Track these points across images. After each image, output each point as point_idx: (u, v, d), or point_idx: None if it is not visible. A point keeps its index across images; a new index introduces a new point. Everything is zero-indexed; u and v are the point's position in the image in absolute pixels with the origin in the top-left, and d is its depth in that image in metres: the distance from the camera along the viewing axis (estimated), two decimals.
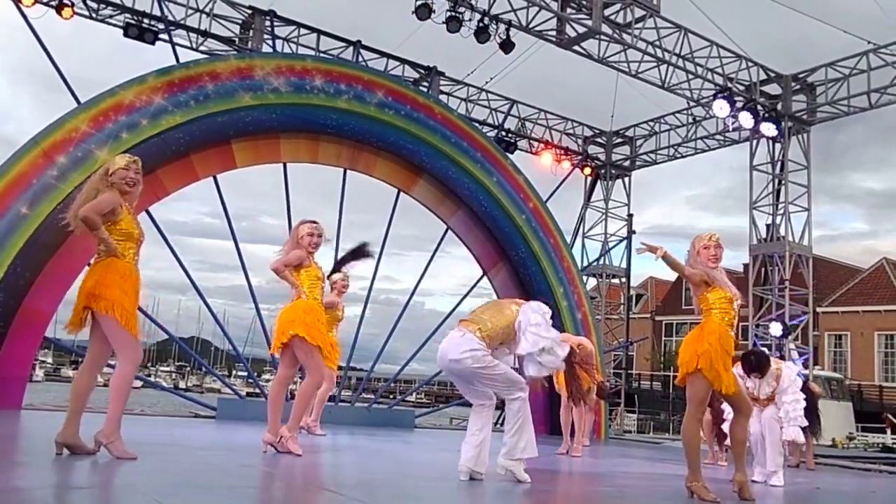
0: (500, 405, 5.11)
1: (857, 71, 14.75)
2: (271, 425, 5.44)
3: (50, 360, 58.28)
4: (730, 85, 14.69)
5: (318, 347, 5.45)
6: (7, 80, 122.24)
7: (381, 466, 5.60)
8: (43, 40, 9.45)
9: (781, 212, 15.69)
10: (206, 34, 13.12)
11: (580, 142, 18.15)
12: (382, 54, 14.32)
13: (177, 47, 10.79)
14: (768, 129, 14.97)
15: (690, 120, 17.36)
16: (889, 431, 24.05)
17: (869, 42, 14.39)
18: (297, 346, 5.42)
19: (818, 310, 30.62)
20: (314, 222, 5.73)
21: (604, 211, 18.53)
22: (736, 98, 14.45)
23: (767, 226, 16.18)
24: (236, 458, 5.38)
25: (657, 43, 13.75)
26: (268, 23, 12.96)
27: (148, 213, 9.29)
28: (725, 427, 6.98)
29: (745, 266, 30.02)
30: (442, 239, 11.53)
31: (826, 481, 7.00)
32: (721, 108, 14.21)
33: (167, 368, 67.01)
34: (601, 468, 7.06)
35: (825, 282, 32.78)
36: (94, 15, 12.57)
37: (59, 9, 11.62)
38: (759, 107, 14.91)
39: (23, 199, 7.91)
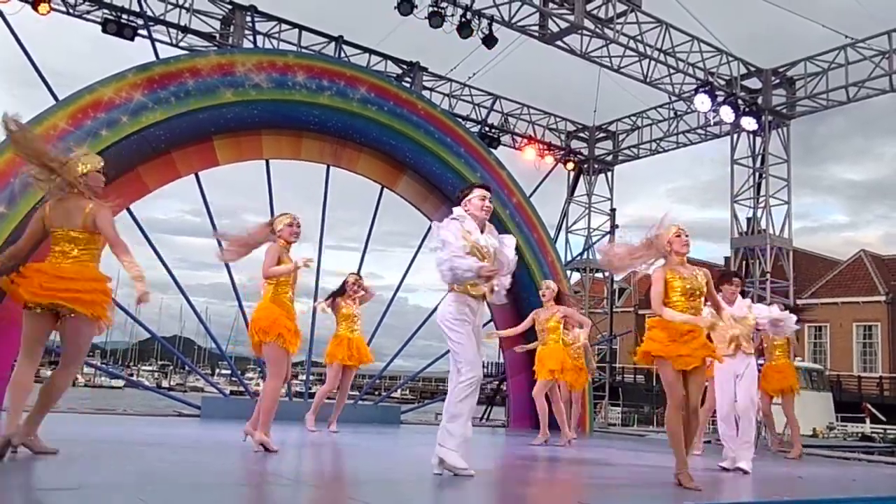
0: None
1: (836, 65, 14.89)
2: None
3: None
4: (711, 79, 14.78)
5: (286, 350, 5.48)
6: None
7: (367, 463, 5.59)
8: (19, 37, 9.34)
9: (762, 205, 15.83)
10: (185, 30, 12.98)
11: (563, 136, 18.18)
12: (365, 50, 14.25)
13: (156, 43, 10.69)
14: (749, 123, 15.09)
15: (672, 114, 17.45)
16: (868, 421, 24.39)
17: (847, 36, 14.54)
18: (267, 348, 5.45)
19: (798, 302, 30.94)
20: (289, 214, 5.74)
21: (587, 205, 18.60)
22: (717, 92, 14.55)
23: (748, 219, 16.31)
24: (222, 456, 5.35)
25: (639, 37, 13.80)
26: (248, 18, 12.87)
27: (129, 210, 9.21)
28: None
29: (727, 259, 30.39)
30: (426, 235, 11.51)
31: (807, 470, 7.07)
32: (702, 102, 14.30)
33: (149, 368, 66.53)
34: (586, 460, 7.09)
35: (804, 274, 33.14)
36: (71, 11, 12.39)
37: (35, 4, 11.45)
38: (739, 101, 15.02)
39: (1, 199, 7.81)
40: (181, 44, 13.04)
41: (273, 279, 5.48)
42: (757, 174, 15.91)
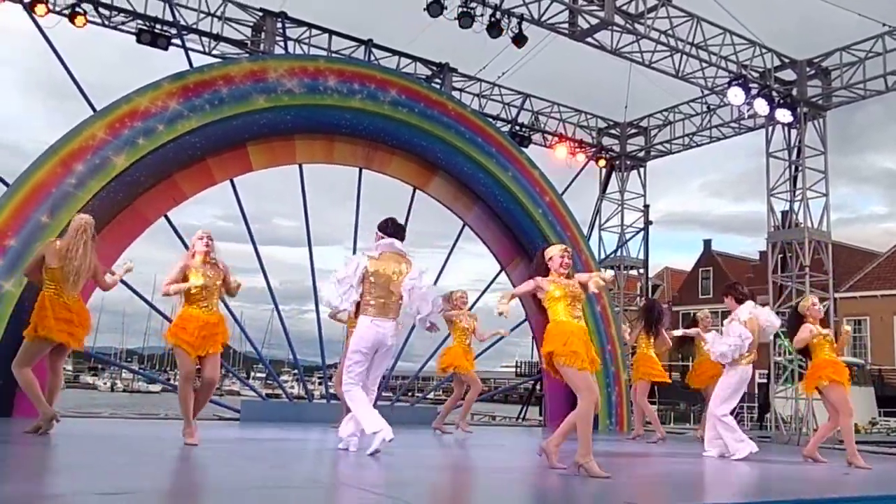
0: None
1: (873, 54, 14.56)
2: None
3: (70, 367, 58.79)
4: (744, 72, 14.55)
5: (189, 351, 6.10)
6: (17, 89, 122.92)
7: (409, 464, 5.60)
8: (57, 49, 9.53)
9: (799, 198, 15.54)
10: (218, 38, 13.10)
11: (594, 134, 18.04)
12: (394, 52, 14.28)
13: (189, 52, 10.82)
14: (784, 115, 14.81)
15: (705, 108, 17.21)
16: None
17: (884, 24, 14.20)
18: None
19: (836, 295, 30.34)
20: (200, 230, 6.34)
21: (620, 202, 18.43)
22: (751, 85, 14.32)
23: (783, 212, 16.02)
24: (266, 459, 5.39)
25: (670, 32, 13.62)
26: (279, 24, 12.96)
27: (166, 217, 9.38)
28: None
29: (762, 253, 29.87)
30: (459, 235, 11.53)
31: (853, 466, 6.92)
32: (736, 95, 14.07)
33: None
34: (626, 458, 7.03)
35: (843, 266, 32.47)
36: (106, 22, 12.60)
37: (72, 17, 11.66)
38: (774, 93, 14.75)
39: (42, 208, 7.98)
40: (213, 52, 13.18)
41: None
42: (793, 167, 15.63)
